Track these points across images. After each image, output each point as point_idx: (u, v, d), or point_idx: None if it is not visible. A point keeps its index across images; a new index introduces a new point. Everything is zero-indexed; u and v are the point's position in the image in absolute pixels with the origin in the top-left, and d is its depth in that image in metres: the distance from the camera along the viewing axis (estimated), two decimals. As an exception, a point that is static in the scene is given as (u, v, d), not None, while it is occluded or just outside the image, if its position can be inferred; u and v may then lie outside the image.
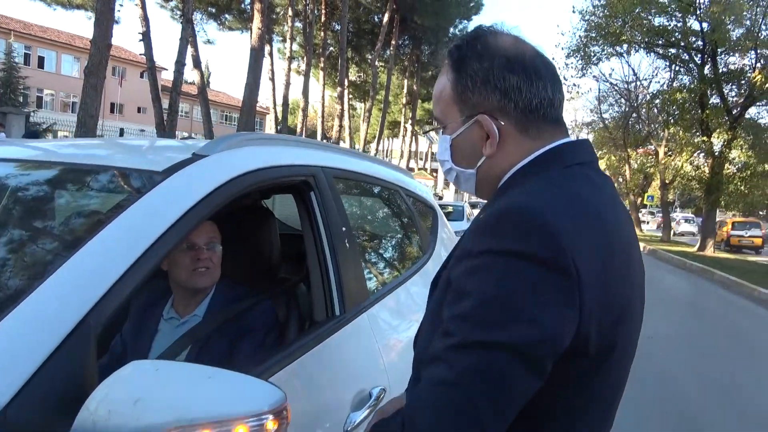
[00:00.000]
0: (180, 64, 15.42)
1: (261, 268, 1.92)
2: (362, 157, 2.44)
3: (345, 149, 2.29)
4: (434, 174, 47.87)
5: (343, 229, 1.83)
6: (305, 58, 26.22)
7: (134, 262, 1.02)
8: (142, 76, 35.71)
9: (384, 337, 1.80)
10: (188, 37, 16.22)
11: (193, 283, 1.65)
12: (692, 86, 19.32)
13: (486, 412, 0.70)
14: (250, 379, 0.79)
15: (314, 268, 1.74)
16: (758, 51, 17.89)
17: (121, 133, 22.11)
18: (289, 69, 25.80)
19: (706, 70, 19.15)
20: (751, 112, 20.17)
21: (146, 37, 15.59)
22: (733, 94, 19.95)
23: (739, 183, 19.90)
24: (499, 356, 0.71)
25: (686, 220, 39.53)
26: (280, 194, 2.62)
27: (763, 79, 16.38)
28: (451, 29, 35.39)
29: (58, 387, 0.83)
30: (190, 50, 16.95)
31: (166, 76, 35.06)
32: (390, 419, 0.82)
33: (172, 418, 0.72)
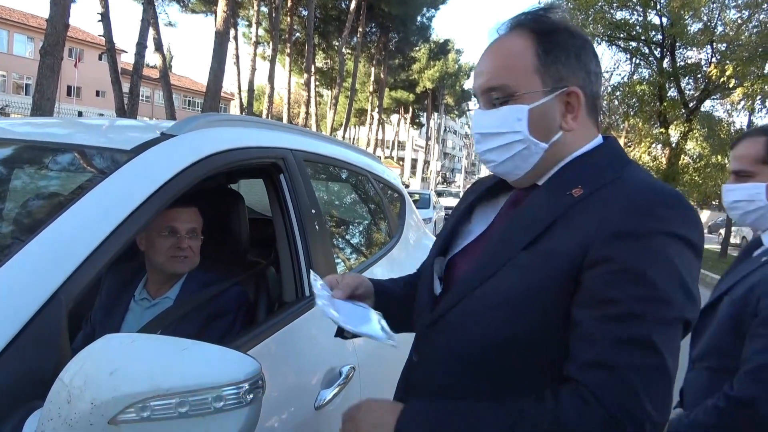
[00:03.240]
0: (141, 46, 14.98)
1: (231, 251, 1.92)
2: (332, 142, 2.44)
3: (315, 133, 2.30)
4: (401, 162, 47.93)
5: (313, 211, 1.84)
6: (271, 44, 25.80)
7: (104, 239, 1.01)
8: (100, 58, 34.49)
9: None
10: (150, 18, 15.75)
11: (171, 268, 1.65)
12: (651, 79, 19.81)
13: (673, 372, 0.79)
14: (225, 351, 0.81)
15: (284, 250, 1.75)
16: (714, 46, 18.46)
17: (80, 116, 21.39)
18: (255, 54, 25.34)
19: (665, 63, 19.64)
20: (707, 105, 20.82)
21: (105, 18, 15.04)
22: (690, 87, 20.54)
23: (693, 173, 20.56)
24: (679, 331, 0.80)
25: None
26: (247, 179, 2.62)
27: (718, 73, 16.92)
28: (419, 18, 35.37)
29: (31, 360, 0.83)
30: (151, 32, 16.47)
31: (126, 59, 34.05)
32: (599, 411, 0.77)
33: (149, 388, 0.73)
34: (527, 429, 0.78)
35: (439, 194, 22.26)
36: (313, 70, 29.40)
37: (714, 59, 18.62)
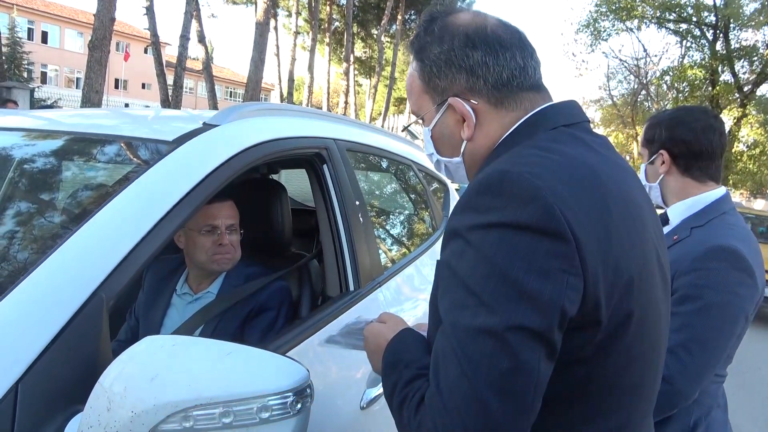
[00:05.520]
0: (184, 38, 15.17)
1: (273, 244, 1.88)
2: (374, 130, 2.37)
3: (357, 121, 2.23)
4: (440, 151, 47.47)
5: (357, 203, 1.78)
6: (311, 33, 25.86)
7: (146, 234, 0.98)
8: (146, 51, 35.29)
9: (400, 314, 1.76)
10: (192, 10, 15.95)
11: (214, 267, 1.63)
12: (703, 62, 19.01)
13: (503, 407, 0.64)
14: (271, 356, 0.76)
15: (327, 243, 1.69)
16: (772, 26, 17.54)
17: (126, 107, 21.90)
18: (295, 44, 25.44)
19: (718, 46, 18.83)
20: (763, 89, 19.88)
21: (150, 11, 15.33)
22: (745, 70, 19.63)
23: (747, 161, 19.72)
24: (505, 340, 0.65)
25: None
26: (290, 169, 2.58)
27: (776, 56, 16.08)
28: (459, 4, 34.82)
29: (72, 361, 0.80)
30: (194, 25, 16.70)
31: (170, 52, 34.73)
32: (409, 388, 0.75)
33: (192, 396, 0.68)
34: (406, 408, 0.74)
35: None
36: (351, 59, 29.36)
37: (772, 40, 17.69)
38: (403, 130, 1.18)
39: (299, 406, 0.73)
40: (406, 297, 1.97)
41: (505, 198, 0.70)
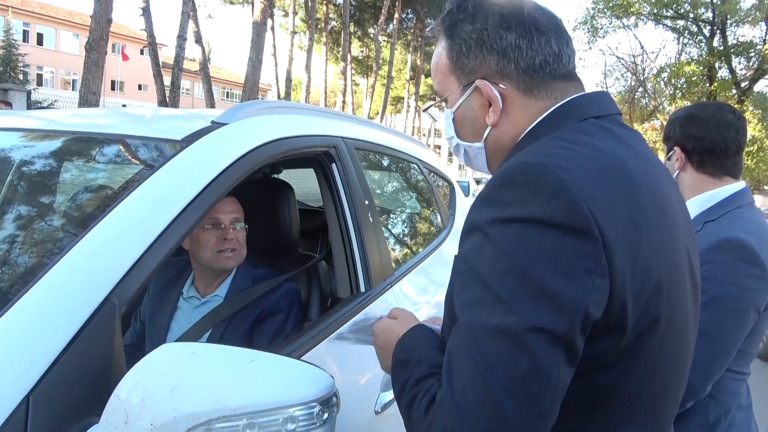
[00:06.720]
0: (181, 39, 15.11)
1: (281, 245, 1.84)
2: (381, 128, 2.34)
3: (364, 120, 2.20)
4: (437, 150, 47.54)
5: (366, 202, 1.75)
6: (307, 33, 25.79)
7: (158, 235, 0.94)
8: (142, 52, 35.16)
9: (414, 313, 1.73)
10: (189, 11, 15.89)
11: (220, 264, 1.58)
12: (701, 59, 19.02)
13: (519, 411, 0.60)
14: (295, 363, 0.72)
15: (337, 243, 1.66)
16: (770, 22, 17.56)
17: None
18: (292, 44, 25.38)
19: (716, 42, 18.84)
20: (760, 85, 19.93)
21: (147, 12, 15.26)
22: (742, 66, 19.65)
23: (745, 157, 19.74)
24: (523, 341, 0.61)
25: None
26: (295, 168, 2.54)
27: (774, 51, 16.10)
28: (455, 2, 34.69)
29: (85, 371, 0.76)
30: (191, 25, 16.62)
31: (166, 53, 34.63)
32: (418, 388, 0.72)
33: (214, 408, 0.65)
34: (415, 408, 0.71)
35: (478, 182, 22.02)
36: (349, 58, 29.30)
37: (769, 36, 17.70)
38: (424, 110, 1.12)
39: (326, 416, 0.69)
40: (419, 297, 1.94)
41: (529, 191, 0.66)
